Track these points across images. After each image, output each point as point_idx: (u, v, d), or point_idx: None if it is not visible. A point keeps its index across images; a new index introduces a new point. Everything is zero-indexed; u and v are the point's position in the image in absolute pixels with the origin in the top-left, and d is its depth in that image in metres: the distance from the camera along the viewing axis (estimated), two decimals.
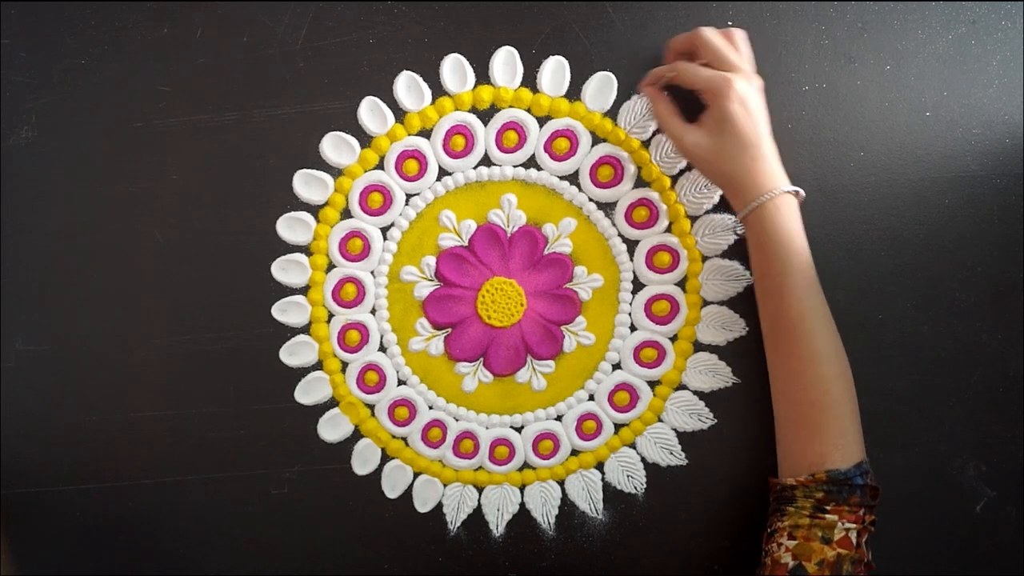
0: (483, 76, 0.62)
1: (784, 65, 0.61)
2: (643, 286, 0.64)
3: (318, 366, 0.66)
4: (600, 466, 0.67)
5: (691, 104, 0.59)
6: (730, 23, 0.61)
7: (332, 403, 0.67)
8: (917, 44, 0.61)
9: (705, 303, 0.64)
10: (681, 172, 0.63)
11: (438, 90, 0.62)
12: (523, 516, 0.67)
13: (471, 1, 0.61)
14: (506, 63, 0.62)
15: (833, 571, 0.52)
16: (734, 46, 0.57)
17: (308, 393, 0.66)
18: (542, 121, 0.63)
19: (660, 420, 0.66)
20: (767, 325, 0.59)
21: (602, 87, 0.62)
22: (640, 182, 0.63)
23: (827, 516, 0.53)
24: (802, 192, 0.57)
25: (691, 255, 0.63)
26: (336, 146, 0.63)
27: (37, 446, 0.67)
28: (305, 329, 0.65)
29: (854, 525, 0.53)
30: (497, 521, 0.67)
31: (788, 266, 0.55)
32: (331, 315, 0.66)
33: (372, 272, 0.65)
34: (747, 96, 0.55)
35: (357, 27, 0.62)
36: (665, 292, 0.64)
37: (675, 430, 0.66)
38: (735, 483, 0.65)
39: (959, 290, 0.63)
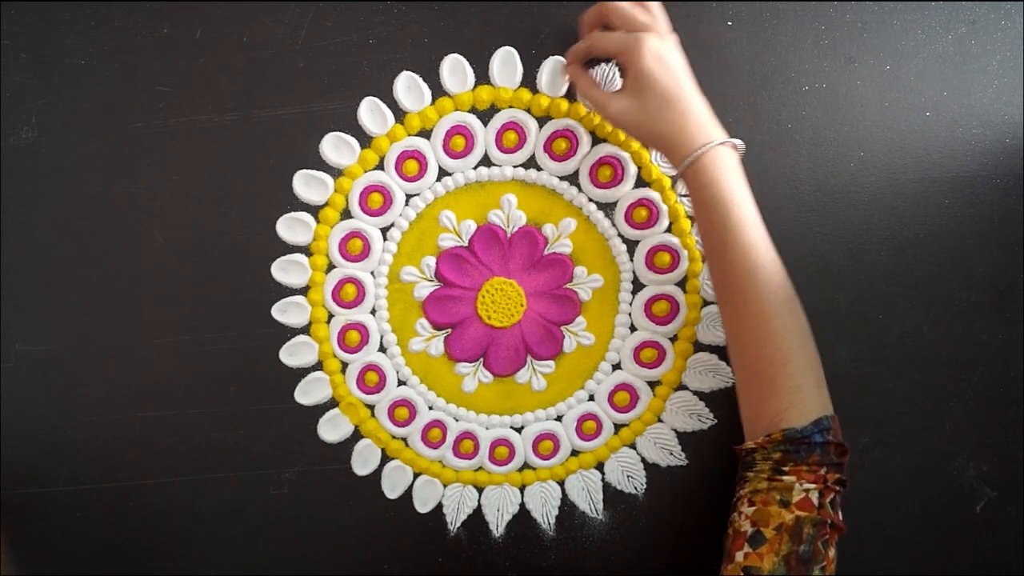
0: (483, 76, 0.62)
1: (784, 65, 0.61)
2: (643, 286, 0.64)
3: (318, 366, 0.66)
4: (600, 466, 0.67)
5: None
6: (730, 23, 0.61)
7: (332, 403, 0.67)
8: (917, 44, 0.61)
9: (705, 303, 0.64)
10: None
11: (438, 90, 0.62)
12: (523, 516, 0.67)
13: (471, 1, 0.61)
14: (506, 63, 0.62)
15: (792, 535, 0.49)
16: (643, 7, 0.56)
17: (308, 393, 0.66)
18: (542, 121, 0.63)
19: (660, 420, 0.66)
20: (716, 283, 0.57)
21: (601, 84, 0.62)
22: (640, 182, 0.63)
23: (785, 478, 0.51)
24: (740, 144, 0.56)
25: (691, 255, 0.63)
26: (336, 146, 0.63)
27: (37, 446, 0.67)
28: (305, 329, 0.65)
29: (814, 485, 0.50)
30: (497, 521, 0.67)
31: (729, 219, 0.53)
32: (331, 315, 0.65)
33: (372, 272, 0.65)
34: (662, 52, 0.54)
35: (357, 27, 0.62)
36: (665, 292, 0.64)
37: (675, 430, 0.66)
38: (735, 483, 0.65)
39: (959, 290, 0.63)
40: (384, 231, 0.64)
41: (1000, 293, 0.63)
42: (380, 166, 0.64)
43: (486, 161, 0.63)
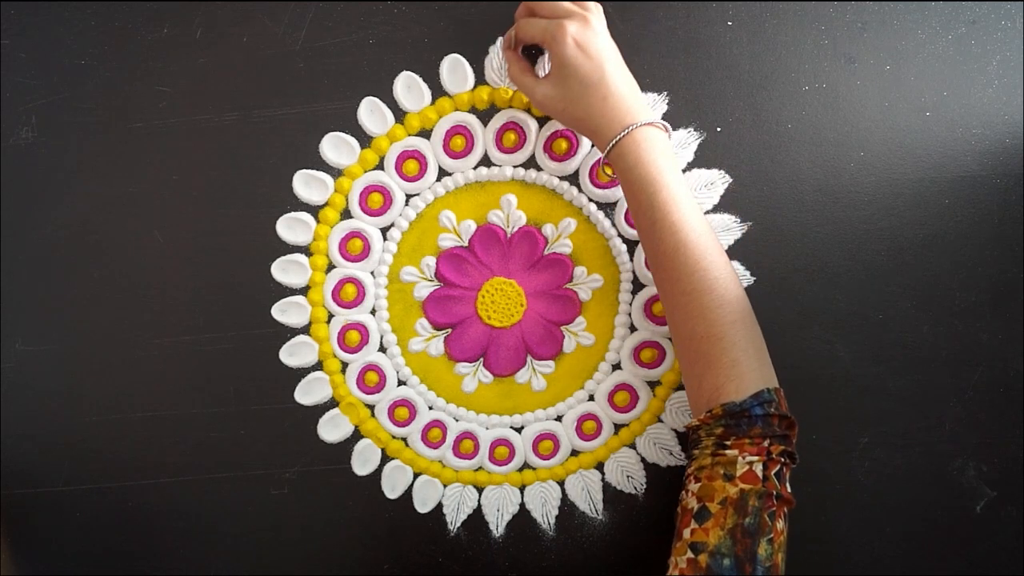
0: (483, 76, 0.62)
1: (784, 65, 0.61)
2: (643, 286, 0.64)
3: (318, 366, 0.66)
4: (600, 466, 0.67)
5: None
6: (730, 23, 0.61)
7: (332, 403, 0.67)
8: (917, 44, 0.61)
9: None
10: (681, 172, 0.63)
11: (438, 90, 0.62)
12: (523, 516, 0.67)
13: (471, 1, 0.61)
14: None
15: (737, 508, 0.49)
16: None
17: (308, 393, 0.66)
18: (542, 121, 0.63)
19: (660, 420, 0.66)
20: (650, 262, 0.57)
21: None
22: None
23: (728, 452, 0.51)
24: (667, 125, 0.56)
25: None
26: (336, 146, 0.63)
27: (37, 446, 0.67)
28: (305, 329, 0.65)
29: (757, 458, 0.50)
30: (497, 521, 0.67)
31: (656, 198, 0.53)
32: (331, 315, 0.65)
33: (372, 272, 0.65)
34: (583, 38, 0.54)
35: (357, 27, 0.62)
36: None
37: (675, 430, 0.66)
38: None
39: (959, 290, 0.63)
40: (384, 231, 0.64)
41: (1000, 293, 0.63)
42: (380, 166, 0.64)
43: (486, 161, 0.63)
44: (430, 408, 0.67)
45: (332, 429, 0.67)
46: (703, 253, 0.53)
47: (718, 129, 0.62)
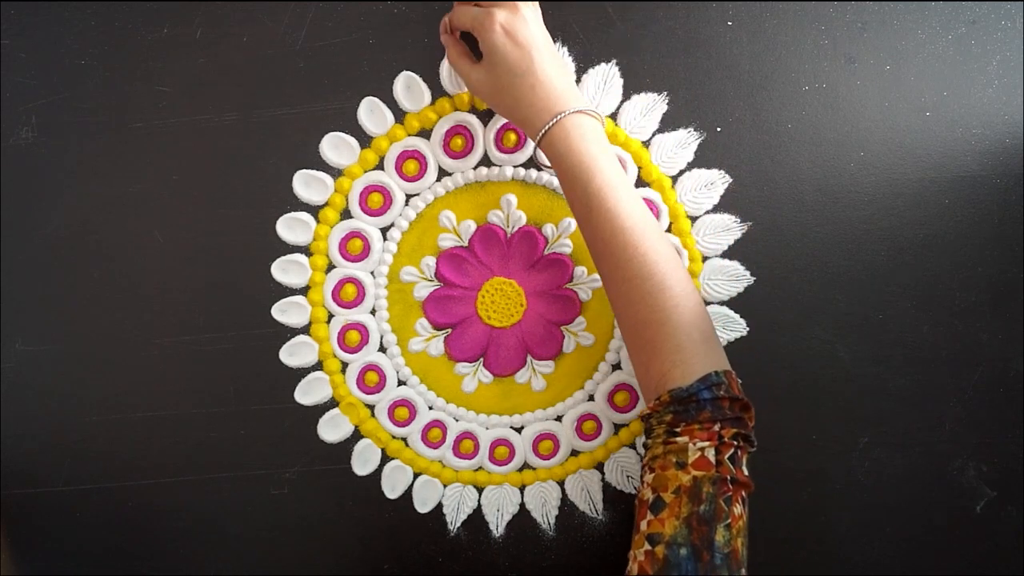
0: None
1: (784, 65, 0.61)
2: None
3: (318, 366, 0.66)
4: (600, 466, 0.67)
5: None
6: (730, 23, 0.61)
7: (332, 403, 0.67)
8: (917, 44, 0.61)
9: (705, 303, 0.64)
10: (681, 172, 0.63)
11: (438, 90, 0.62)
12: (523, 516, 0.67)
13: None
14: None
15: (691, 496, 0.48)
16: None
17: (308, 393, 0.66)
18: None
19: None
20: (590, 251, 0.56)
21: (601, 84, 0.62)
22: (640, 182, 0.63)
23: (678, 439, 0.50)
24: (597, 112, 0.55)
25: (691, 255, 0.63)
26: (336, 146, 0.63)
27: (37, 446, 0.67)
28: (305, 329, 0.66)
29: (708, 443, 0.49)
30: (497, 521, 0.67)
31: (590, 186, 0.53)
32: (331, 315, 0.65)
33: (372, 272, 0.65)
34: (511, 26, 0.54)
35: (357, 27, 0.62)
36: None
37: None
38: None
39: (959, 290, 0.63)
40: (384, 231, 0.64)
41: (999, 293, 0.63)
42: (380, 166, 0.64)
43: (486, 161, 0.63)
44: (430, 408, 0.67)
45: (332, 429, 0.67)
46: (641, 238, 0.53)
47: (718, 129, 0.62)
